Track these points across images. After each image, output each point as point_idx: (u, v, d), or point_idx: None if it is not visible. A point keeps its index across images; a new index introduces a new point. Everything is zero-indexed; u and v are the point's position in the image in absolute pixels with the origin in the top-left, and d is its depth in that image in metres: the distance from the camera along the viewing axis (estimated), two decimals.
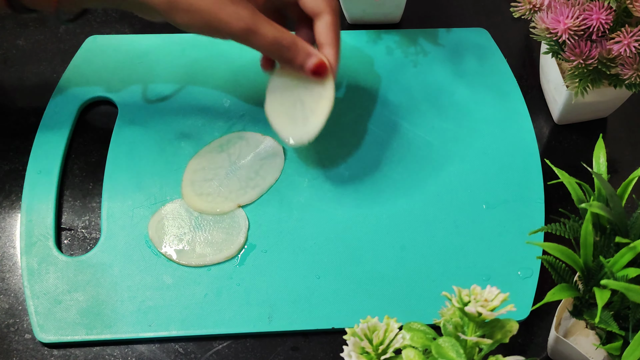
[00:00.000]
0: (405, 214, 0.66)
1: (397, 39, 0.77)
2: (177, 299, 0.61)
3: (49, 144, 0.69)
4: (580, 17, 0.58)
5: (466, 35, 0.77)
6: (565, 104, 0.69)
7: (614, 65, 0.60)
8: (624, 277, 0.48)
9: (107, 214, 0.65)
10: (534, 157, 0.69)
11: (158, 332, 0.60)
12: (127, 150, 0.69)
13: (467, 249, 0.64)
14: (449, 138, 0.71)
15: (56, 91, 0.72)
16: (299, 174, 0.68)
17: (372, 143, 0.70)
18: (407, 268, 0.63)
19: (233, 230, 0.65)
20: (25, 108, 0.73)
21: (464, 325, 0.45)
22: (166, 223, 0.65)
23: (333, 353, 0.61)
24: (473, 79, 0.74)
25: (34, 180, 0.67)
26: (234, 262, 0.63)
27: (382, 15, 0.77)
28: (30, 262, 0.62)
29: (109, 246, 0.64)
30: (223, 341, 0.61)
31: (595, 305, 0.52)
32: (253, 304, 0.61)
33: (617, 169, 0.71)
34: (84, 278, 0.62)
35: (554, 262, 0.52)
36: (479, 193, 0.68)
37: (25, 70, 0.75)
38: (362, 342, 0.44)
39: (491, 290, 0.43)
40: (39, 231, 0.64)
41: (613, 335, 0.52)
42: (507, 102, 0.73)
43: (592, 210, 0.50)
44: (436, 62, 0.75)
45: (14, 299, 0.62)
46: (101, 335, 0.60)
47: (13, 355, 0.60)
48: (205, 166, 0.67)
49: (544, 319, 0.62)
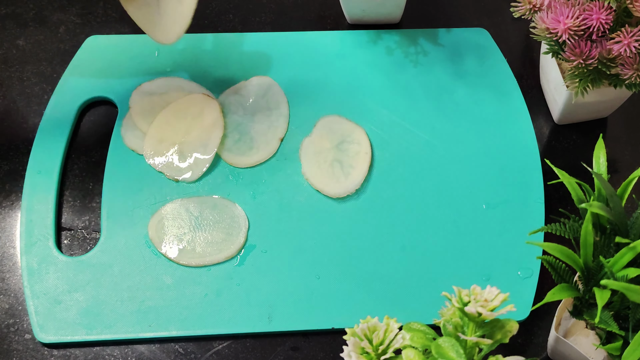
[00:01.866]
0: (405, 213, 0.66)
1: (397, 39, 0.77)
2: (177, 299, 0.61)
3: (49, 144, 0.69)
4: (581, 17, 0.58)
5: (466, 36, 0.77)
6: (565, 104, 0.69)
7: (614, 65, 0.60)
8: (624, 277, 0.48)
9: (107, 214, 0.65)
10: (534, 157, 0.69)
11: (158, 332, 0.60)
12: (127, 150, 0.69)
13: (467, 249, 0.64)
14: (449, 138, 0.71)
15: (56, 91, 0.72)
16: (298, 174, 0.68)
17: (372, 143, 0.70)
18: (407, 268, 0.63)
19: (233, 230, 0.65)
20: (25, 108, 0.73)
21: (464, 325, 0.45)
22: (166, 223, 0.65)
23: (333, 353, 0.61)
24: (473, 79, 0.74)
25: (34, 180, 0.67)
26: (234, 262, 0.63)
27: (382, 15, 0.77)
28: (30, 262, 0.62)
29: (109, 246, 0.64)
30: (223, 341, 0.61)
31: (595, 305, 0.52)
32: (253, 304, 0.61)
33: (617, 169, 0.71)
34: (84, 278, 0.62)
35: (554, 262, 0.52)
36: (479, 193, 0.68)
37: (25, 70, 0.75)
38: (362, 342, 0.44)
39: (491, 291, 0.43)
40: (39, 231, 0.64)
41: (613, 335, 0.52)
42: (507, 102, 0.73)
43: (592, 210, 0.50)
44: (436, 63, 0.75)
45: (14, 299, 0.62)
46: (101, 335, 0.60)
47: (13, 355, 0.60)
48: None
49: (544, 319, 0.62)
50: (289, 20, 0.79)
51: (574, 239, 0.53)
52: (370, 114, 0.72)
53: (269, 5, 0.80)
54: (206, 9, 0.80)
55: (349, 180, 0.67)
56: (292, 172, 0.68)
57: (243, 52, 0.75)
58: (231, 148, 0.69)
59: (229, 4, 0.80)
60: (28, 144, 0.70)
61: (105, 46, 0.75)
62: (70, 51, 0.76)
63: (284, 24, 0.79)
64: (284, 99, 0.72)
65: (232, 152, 0.69)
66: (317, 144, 0.69)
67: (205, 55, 0.75)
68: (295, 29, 0.78)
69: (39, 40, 0.77)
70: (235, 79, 0.73)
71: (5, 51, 0.76)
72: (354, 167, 0.68)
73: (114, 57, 0.74)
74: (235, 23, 0.79)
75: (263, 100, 0.72)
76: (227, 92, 0.72)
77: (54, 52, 0.76)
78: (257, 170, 0.68)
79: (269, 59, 0.75)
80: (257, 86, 0.73)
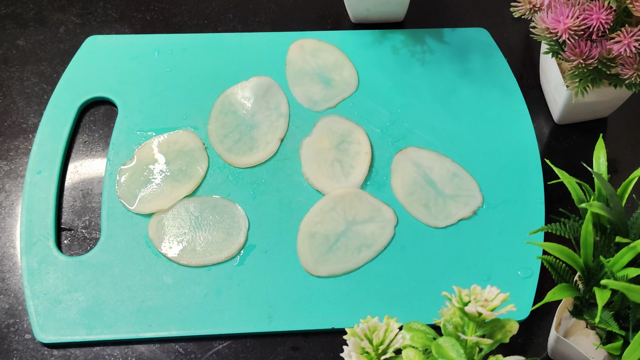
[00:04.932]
0: (405, 213, 0.66)
1: (402, 38, 0.76)
2: (177, 299, 0.61)
3: (49, 144, 0.69)
4: (581, 17, 0.58)
5: (466, 35, 0.77)
6: (565, 104, 0.69)
7: (614, 65, 0.60)
8: (624, 277, 0.48)
9: (107, 214, 0.65)
10: (534, 157, 0.69)
11: (158, 332, 0.60)
12: (127, 150, 0.69)
13: (467, 249, 0.64)
14: (449, 138, 0.71)
15: (56, 91, 0.72)
16: (298, 174, 0.68)
17: (372, 143, 0.70)
18: (407, 268, 0.63)
19: (233, 230, 0.65)
20: (25, 108, 0.73)
21: (464, 325, 0.45)
22: (166, 223, 0.65)
23: (333, 353, 0.60)
24: (473, 79, 0.74)
25: (34, 180, 0.67)
26: (234, 262, 0.63)
27: (386, 14, 0.77)
28: (30, 262, 0.62)
29: (109, 246, 0.64)
30: (223, 341, 0.61)
31: (595, 305, 0.52)
32: (253, 304, 0.61)
33: (617, 169, 0.71)
34: (84, 278, 0.62)
35: (554, 262, 0.52)
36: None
37: (25, 70, 0.75)
38: (362, 342, 0.44)
39: (491, 290, 0.43)
40: (39, 231, 0.64)
41: (613, 335, 0.52)
42: (507, 102, 0.73)
43: (592, 210, 0.50)
44: (437, 63, 0.75)
45: (14, 299, 0.62)
46: (101, 335, 0.60)
47: (13, 355, 0.60)
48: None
49: (544, 319, 0.62)
50: (289, 20, 0.79)
51: (574, 238, 0.53)
52: (371, 114, 0.72)
53: (269, 5, 0.80)
54: (206, 9, 0.80)
55: (349, 180, 0.67)
56: (292, 172, 0.68)
57: (243, 52, 0.75)
58: (231, 148, 0.69)
59: (229, 4, 0.80)
60: (28, 144, 0.70)
61: (105, 46, 0.75)
62: (70, 51, 0.76)
63: (285, 24, 0.79)
64: (284, 99, 0.72)
65: (232, 152, 0.69)
66: (317, 144, 0.69)
67: (206, 55, 0.75)
68: (296, 29, 0.78)
69: (39, 40, 0.77)
70: (235, 79, 0.73)
71: (5, 51, 0.76)
72: (354, 167, 0.68)
73: (114, 57, 0.74)
74: (235, 23, 0.79)
75: (263, 100, 0.72)
76: (227, 92, 0.72)
77: (54, 52, 0.76)
78: (257, 170, 0.68)
79: (269, 59, 0.75)
80: (257, 86, 0.73)
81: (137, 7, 0.80)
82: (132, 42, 0.76)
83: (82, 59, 0.74)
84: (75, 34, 0.78)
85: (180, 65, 0.74)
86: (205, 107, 0.71)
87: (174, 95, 0.72)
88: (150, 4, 0.80)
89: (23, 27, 0.78)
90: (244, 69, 0.74)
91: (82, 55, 0.74)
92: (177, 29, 0.78)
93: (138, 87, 0.72)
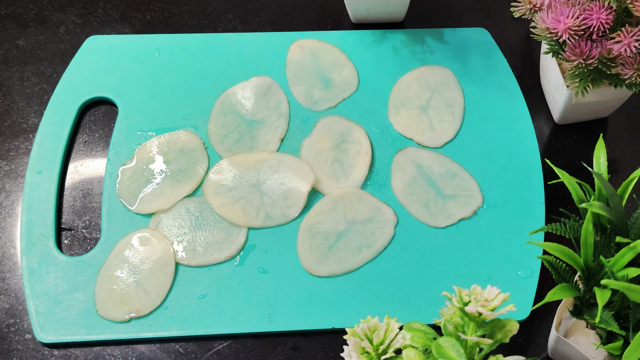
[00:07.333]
0: (405, 213, 0.66)
1: (402, 38, 0.76)
2: (177, 299, 0.61)
3: (49, 144, 0.69)
4: (581, 17, 0.58)
5: (466, 35, 0.77)
6: (565, 103, 0.69)
7: (614, 65, 0.60)
8: (625, 276, 0.48)
9: (108, 214, 0.65)
10: (534, 157, 0.69)
11: (158, 332, 0.60)
12: (127, 150, 0.69)
13: (467, 249, 0.64)
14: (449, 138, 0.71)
15: (56, 91, 0.72)
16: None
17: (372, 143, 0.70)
18: (407, 268, 0.63)
19: (233, 230, 0.65)
20: (25, 108, 0.73)
21: (464, 325, 0.45)
22: (166, 223, 0.65)
23: (333, 353, 0.60)
24: (473, 79, 0.74)
25: (34, 180, 0.67)
26: (233, 262, 0.63)
27: (387, 13, 0.77)
28: (31, 262, 0.62)
29: (109, 246, 0.64)
30: (223, 341, 0.61)
31: (595, 305, 0.52)
32: (253, 303, 0.61)
33: (617, 169, 0.71)
34: (84, 278, 0.62)
35: (555, 262, 0.52)
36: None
37: (26, 70, 0.75)
38: (362, 342, 0.44)
39: (491, 290, 0.43)
40: (39, 231, 0.64)
41: (613, 335, 0.52)
42: (507, 101, 0.73)
43: (592, 210, 0.50)
44: (437, 63, 0.75)
45: (14, 299, 0.62)
46: (101, 335, 0.60)
47: (13, 355, 0.60)
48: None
49: (544, 318, 0.62)
50: (289, 20, 0.79)
51: (574, 238, 0.53)
52: (371, 114, 0.72)
53: (269, 5, 0.80)
54: (206, 9, 0.80)
55: (349, 180, 0.67)
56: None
57: (243, 52, 0.75)
58: (231, 148, 0.69)
59: (229, 4, 0.80)
60: (28, 144, 0.70)
61: (105, 46, 0.75)
62: (70, 51, 0.76)
63: (285, 24, 0.79)
64: (284, 99, 0.72)
65: (232, 152, 0.69)
66: (317, 144, 0.69)
67: (206, 55, 0.75)
68: (296, 29, 0.78)
69: (39, 40, 0.77)
70: (235, 79, 0.73)
71: (5, 51, 0.76)
72: (354, 167, 0.68)
73: (114, 57, 0.74)
74: (236, 23, 0.79)
75: (263, 100, 0.72)
76: (228, 92, 0.72)
77: (54, 52, 0.76)
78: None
79: (269, 59, 0.75)
80: (257, 86, 0.73)
81: (137, 7, 0.80)
82: (132, 42, 0.76)
83: (82, 59, 0.74)
84: (75, 34, 0.78)
85: (181, 65, 0.74)
86: (205, 107, 0.72)
87: (174, 95, 0.72)
88: (150, 4, 0.80)
89: (23, 27, 0.78)
90: (244, 69, 0.74)
91: (83, 55, 0.74)
92: (177, 29, 0.78)
93: (138, 87, 0.72)
